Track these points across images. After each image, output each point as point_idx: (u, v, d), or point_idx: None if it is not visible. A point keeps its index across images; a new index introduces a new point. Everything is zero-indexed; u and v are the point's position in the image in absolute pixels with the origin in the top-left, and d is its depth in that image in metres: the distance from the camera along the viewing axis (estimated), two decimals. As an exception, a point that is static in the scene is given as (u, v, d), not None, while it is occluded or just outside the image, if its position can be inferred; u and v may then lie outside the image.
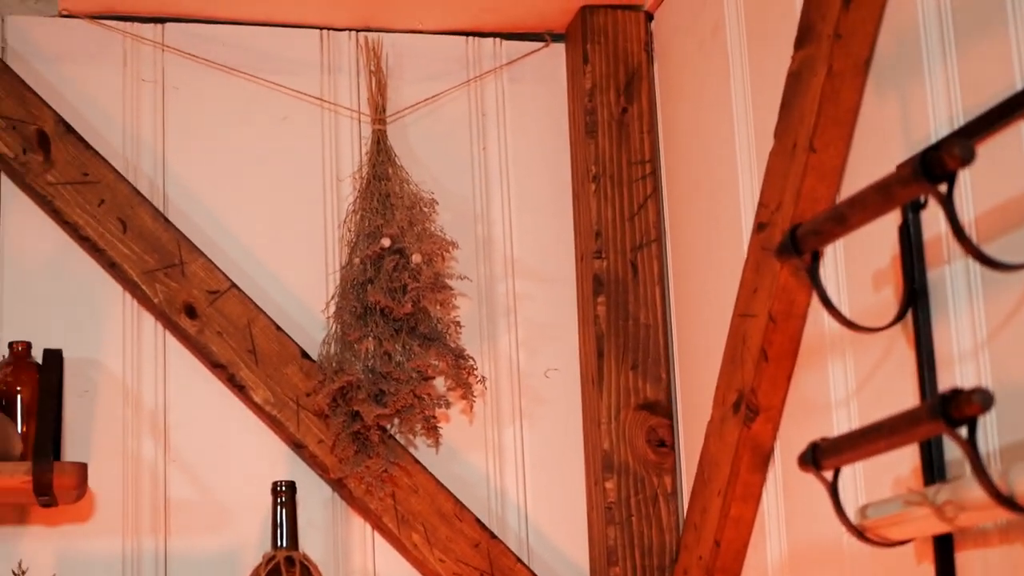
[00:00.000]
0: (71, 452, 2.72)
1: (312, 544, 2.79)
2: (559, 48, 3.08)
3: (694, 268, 2.81)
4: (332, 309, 2.80)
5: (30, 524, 2.72)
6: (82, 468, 2.53)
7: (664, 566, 2.78)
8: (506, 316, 2.97)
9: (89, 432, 2.76)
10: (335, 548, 2.82)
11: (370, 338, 2.74)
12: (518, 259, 2.99)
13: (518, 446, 2.93)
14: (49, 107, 2.79)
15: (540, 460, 2.93)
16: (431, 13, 2.98)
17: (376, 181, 2.86)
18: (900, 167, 1.75)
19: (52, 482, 2.48)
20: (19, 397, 2.64)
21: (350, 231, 2.84)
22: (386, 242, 2.75)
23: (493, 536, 2.83)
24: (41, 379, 2.63)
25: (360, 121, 2.98)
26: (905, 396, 2.05)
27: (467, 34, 3.06)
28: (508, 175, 3.03)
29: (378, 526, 2.82)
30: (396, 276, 2.74)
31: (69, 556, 2.71)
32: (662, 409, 2.85)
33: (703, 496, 2.60)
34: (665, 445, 2.84)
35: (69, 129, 2.78)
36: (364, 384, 2.71)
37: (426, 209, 2.84)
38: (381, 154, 2.89)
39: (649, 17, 2.99)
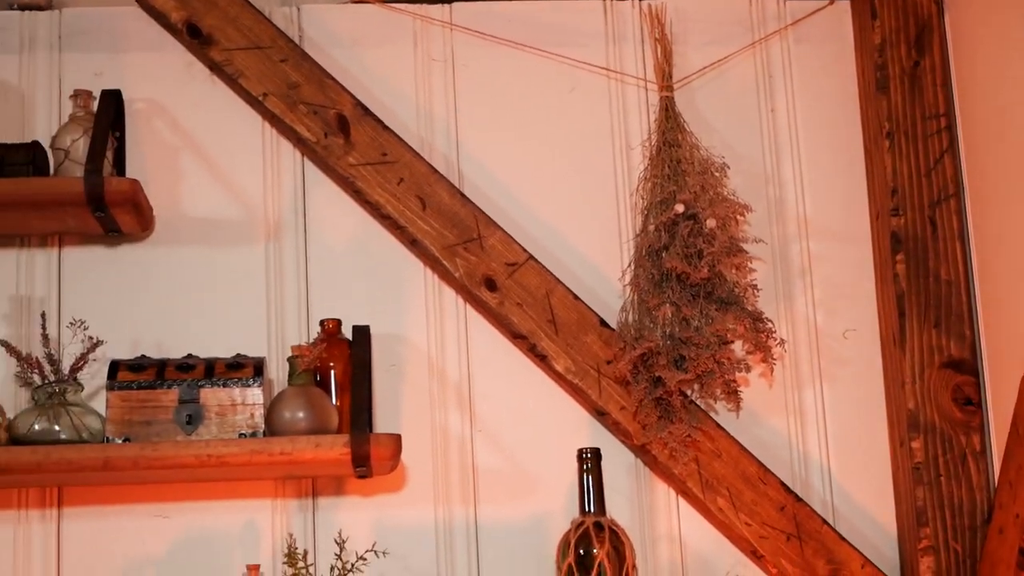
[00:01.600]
0: (382, 425, 2.80)
1: (617, 509, 2.81)
2: (844, 5, 3.03)
3: (997, 221, 2.74)
4: (628, 277, 2.82)
5: (347, 495, 2.81)
6: (396, 439, 2.60)
7: (976, 526, 2.72)
8: (802, 277, 2.95)
9: (398, 405, 2.84)
10: (640, 513, 2.85)
11: (668, 304, 2.75)
12: (811, 219, 2.97)
13: (819, 407, 2.90)
14: (347, 91, 2.87)
15: (842, 421, 2.90)
16: (714, -23, 2.98)
17: (666, 148, 2.86)
18: None
19: (369, 453, 2.56)
20: (332, 372, 2.73)
21: (643, 199, 2.85)
22: (680, 208, 2.75)
23: (798, 499, 2.81)
24: (352, 354, 2.72)
25: (647, 89, 2.99)
26: None
27: (750, -5, 3.05)
28: (797, 135, 3.00)
29: (682, 491, 2.83)
30: (691, 241, 2.74)
31: (385, 525, 2.80)
32: (968, 367, 2.79)
33: (1018, 453, 2.54)
34: (972, 403, 2.78)
35: (367, 111, 2.86)
36: (664, 350, 2.72)
37: (717, 173, 2.84)
38: (670, 120, 2.89)
39: (938, -33, 2.93)
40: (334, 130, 2.84)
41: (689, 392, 2.81)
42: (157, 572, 2.75)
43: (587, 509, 2.71)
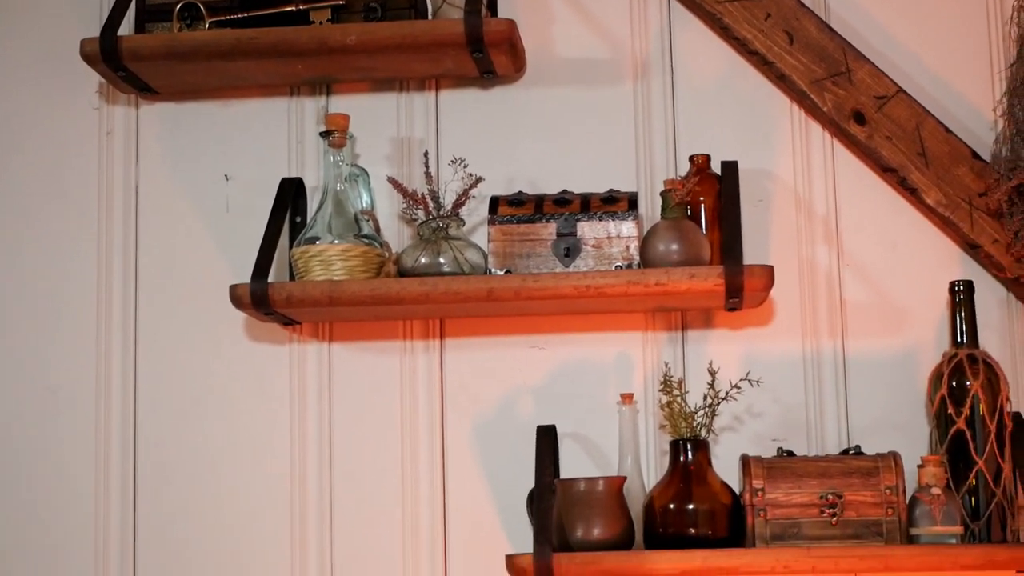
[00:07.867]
0: (750, 258, 2.81)
1: (987, 344, 2.77)
2: None
3: None
4: (1002, 108, 2.76)
5: (715, 328, 2.87)
6: (769, 270, 2.62)
7: None
8: None
9: (766, 239, 2.87)
10: (1011, 347, 2.82)
11: (1046, 135, 2.69)
12: None
13: None
14: (712, -73, 2.88)
15: None
16: None
17: (1042, -26, 2.78)
18: None
19: (743, 284, 2.60)
20: (702, 207, 2.78)
21: (1017, 27, 2.78)
22: (1059, 35, 2.68)
23: None
24: (722, 189, 2.75)
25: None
26: None
27: None
28: None
29: (1057, 325, 2.80)
30: (1070, 69, 2.67)
31: (753, 358, 2.84)
32: None
33: None
34: None
35: (734, -53, 2.87)
36: (1041, 181, 2.67)
37: (1097, -1, 2.74)
38: (1044, -54, 2.80)
39: None
40: (700, -33, 2.86)
41: (1066, 224, 2.76)
42: (535, 399, 2.87)
43: (959, 342, 2.70)
